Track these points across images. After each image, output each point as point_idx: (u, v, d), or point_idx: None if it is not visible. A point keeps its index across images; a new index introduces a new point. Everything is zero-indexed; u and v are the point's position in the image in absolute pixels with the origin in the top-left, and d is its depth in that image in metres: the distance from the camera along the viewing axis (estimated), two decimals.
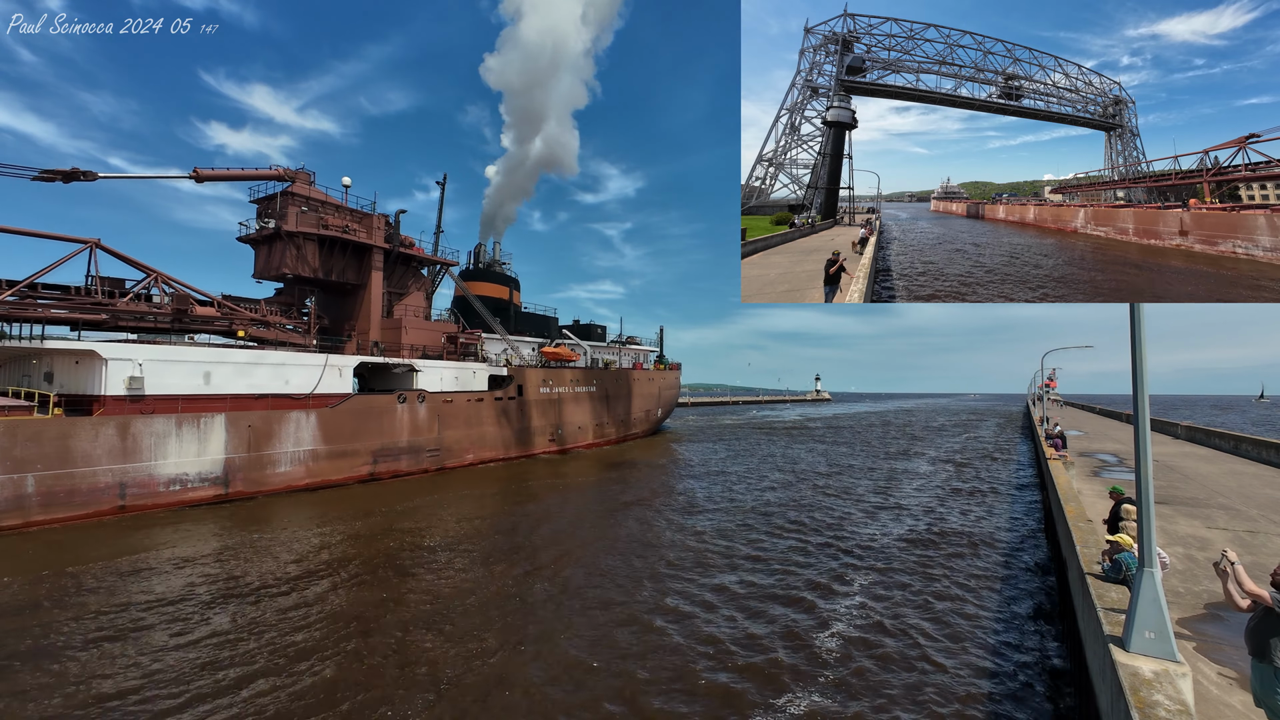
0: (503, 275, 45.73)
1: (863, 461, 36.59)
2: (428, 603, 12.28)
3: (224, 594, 12.66)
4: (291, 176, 28.19)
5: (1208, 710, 5.65)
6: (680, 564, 15.17)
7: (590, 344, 49.34)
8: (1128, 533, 8.24)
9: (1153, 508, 5.94)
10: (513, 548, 16.55)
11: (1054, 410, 65.74)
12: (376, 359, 28.74)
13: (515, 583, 13.59)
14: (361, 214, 30.62)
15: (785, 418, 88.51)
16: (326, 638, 10.49)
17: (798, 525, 19.29)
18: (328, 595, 12.71)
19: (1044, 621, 11.61)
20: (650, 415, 52.18)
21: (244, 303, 26.97)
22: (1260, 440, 24.00)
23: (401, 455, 28.27)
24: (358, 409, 26.61)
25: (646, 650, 10.19)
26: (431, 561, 15.20)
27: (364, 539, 17.33)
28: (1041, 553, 16.38)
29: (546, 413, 38.11)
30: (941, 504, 23.14)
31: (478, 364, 33.80)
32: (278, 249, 27.81)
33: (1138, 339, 6.00)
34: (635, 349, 56.27)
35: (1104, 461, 24.24)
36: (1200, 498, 15.67)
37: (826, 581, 13.78)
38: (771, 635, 10.82)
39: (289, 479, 23.99)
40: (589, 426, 42.48)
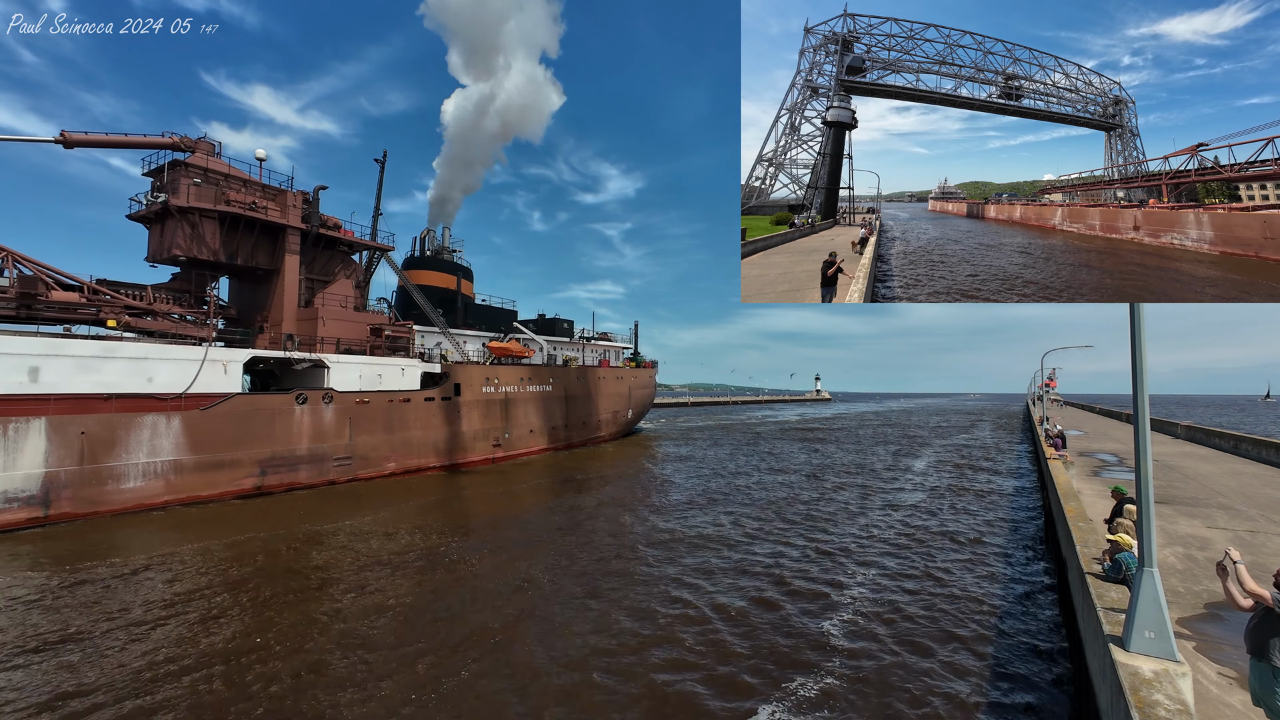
0: (451, 264, 42.17)
1: (869, 460, 36.60)
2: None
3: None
4: (190, 145, 24.80)
5: (1208, 710, 5.65)
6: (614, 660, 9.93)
7: (547, 339, 45.48)
8: (1124, 530, 8.25)
9: (1153, 507, 5.95)
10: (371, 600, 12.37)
11: (1054, 410, 65.80)
12: (274, 353, 24.97)
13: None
14: (275, 190, 27.09)
15: (783, 418, 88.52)
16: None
17: (776, 519, 19.28)
18: (127, 651, 9.66)
19: (1044, 621, 11.61)
20: (619, 417, 47.98)
21: (126, 289, 23.17)
22: (1260, 440, 24.00)
23: (300, 465, 24.39)
24: (240, 411, 22.74)
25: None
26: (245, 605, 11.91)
27: (214, 570, 14.10)
28: (1041, 552, 16.38)
29: (490, 415, 34.01)
30: (941, 504, 23.14)
31: (408, 360, 29.88)
32: (170, 228, 24.24)
33: (1138, 339, 6.00)
34: (606, 345, 52.80)
35: (1104, 461, 24.24)
36: (1200, 497, 15.67)
37: (827, 580, 13.79)
38: (763, 630, 10.83)
39: (141, 496, 20.01)
40: (543, 430, 38.34)
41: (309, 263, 28.68)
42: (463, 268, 43.14)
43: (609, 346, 53.54)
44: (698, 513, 21.04)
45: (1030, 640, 10.72)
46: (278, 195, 27.16)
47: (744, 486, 26.91)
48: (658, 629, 11.05)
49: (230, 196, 25.07)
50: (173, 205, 23.51)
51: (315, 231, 27.91)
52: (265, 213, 25.98)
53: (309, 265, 28.71)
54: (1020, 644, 10.55)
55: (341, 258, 30.68)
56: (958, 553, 16.26)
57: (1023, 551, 16.55)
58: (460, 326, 39.77)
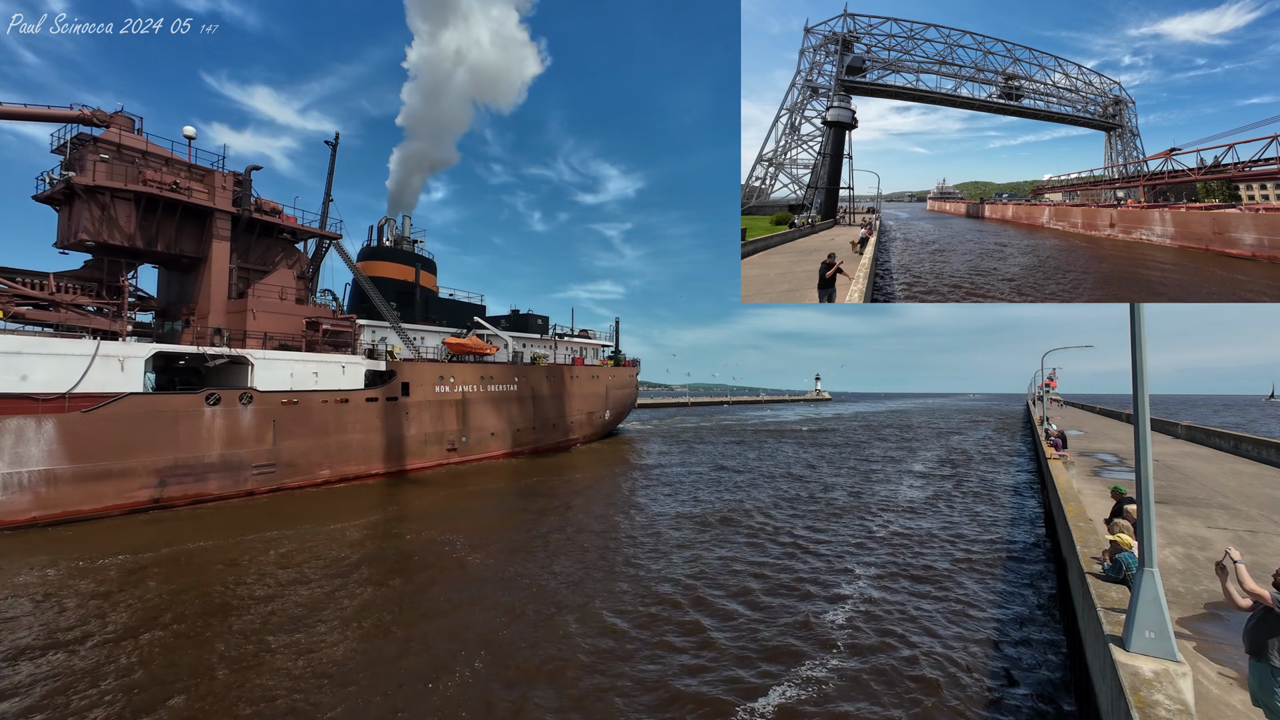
0: (409, 255, 39.40)
1: (868, 462, 36.59)
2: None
3: None
4: (104, 120, 22.46)
5: (1208, 710, 5.65)
6: None
7: (515, 335, 42.53)
8: (1122, 531, 8.25)
9: (1153, 507, 5.94)
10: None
11: (1054, 410, 65.80)
12: (184, 348, 22.53)
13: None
14: (202, 170, 24.63)
15: (782, 418, 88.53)
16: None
17: (781, 539, 19.25)
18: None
19: (1044, 621, 11.61)
20: (594, 418, 45.32)
21: (23, 276, 20.92)
22: (1260, 440, 24.00)
23: (209, 474, 21.82)
24: (134, 414, 20.20)
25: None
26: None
27: (77, 605, 11.80)
28: (1041, 552, 16.39)
29: (445, 416, 31.48)
30: (942, 504, 23.15)
31: (350, 357, 27.46)
32: (77, 210, 22.05)
33: (1138, 339, 6.00)
34: (583, 343, 50.10)
35: (1104, 461, 24.24)
36: (1200, 497, 15.66)
37: (826, 577, 13.79)
38: (766, 622, 10.82)
39: (1, 512, 17.74)
40: (506, 432, 35.69)
41: (243, 251, 26.07)
42: (424, 259, 40.46)
43: (586, 344, 50.72)
44: (659, 557, 15.59)
45: (1030, 640, 10.72)
46: (205, 176, 24.72)
47: (717, 499, 24.17)
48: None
49: (147, 176, 22.77)
50: (78, 185, 21.25)
51: (248, 216, 25.38)
52: (189, 194, 23.55)
53: (243, 253, 26.08)
54: (1020, 644, 10.55)
55: (284, 246, 28.02)
56: (958, 553, 16.26)
57: (1023, 551, 16.55)
58: (420, 322, 37.32)
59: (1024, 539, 17.91)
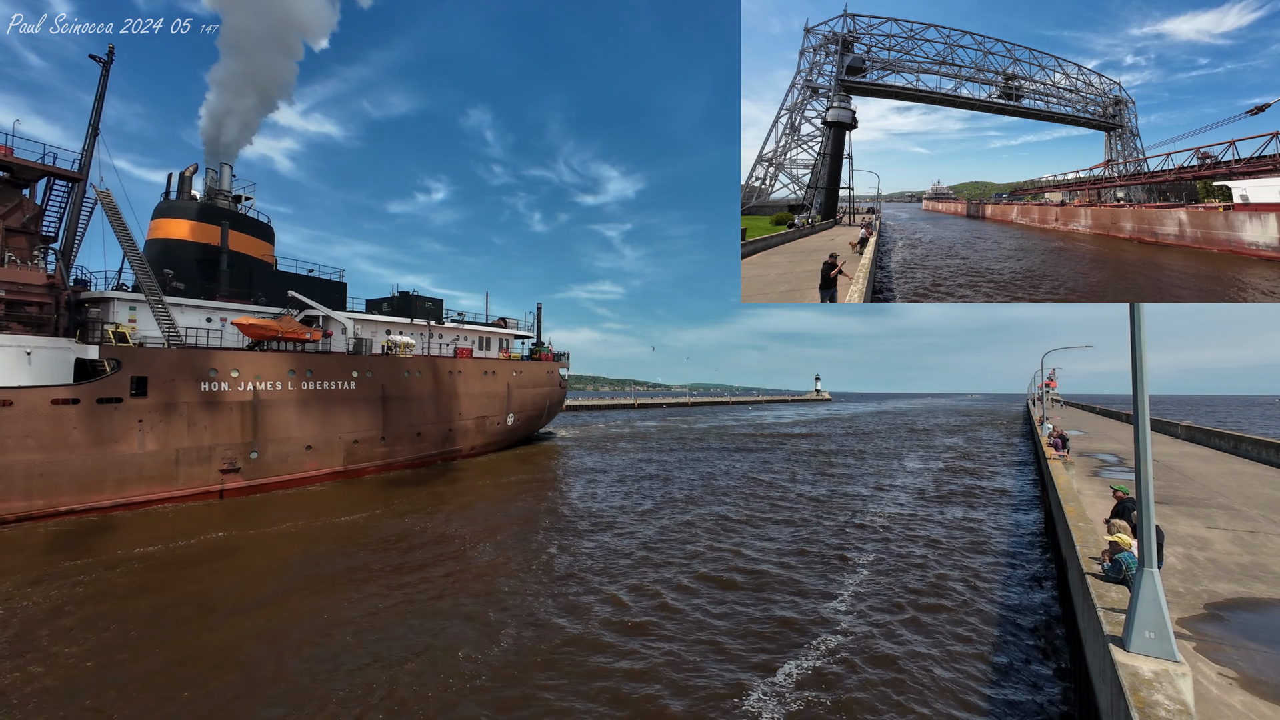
0: (221, 211, 29.06)
1: (866, 464, 36.56)
2: None
3: None
4: None
5: (1207, 710, 5.65)
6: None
7: (375, 317, 33.58)
8: (1120, 531, 8.25)
9: (1153, 507, 5.94)
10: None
11: (1054, 410, 65.81)
12: None
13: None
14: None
15: (780, 419, 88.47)
16: None
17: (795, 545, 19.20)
18: None
19: (1044, 621, 11.61)
20: (490, 424, 37.48)
21: None
22: (1260, 440, 24.01)
23: None
24: None
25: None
26: None
27: None
28: (1041, 553, 16.39)
29: (218, 424, 23.50)
30: (941, 504, 23.14)
31: (37, 339, 20.22)
32: None
33: (1138, 339, 6.00)
34: (482, 331, 40.76)
35: (1104, 461, 24.24)
36: (1200, 498, 15.67)
37: (825, 579, 13.79)
38: (766, 622, 10.81)
39: None
40: (335, 444, 27.59)
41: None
42: (248, 219, 30.65)
43: (494, 333, 41.38)
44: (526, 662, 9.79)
45: (1030, 640, 10.72)
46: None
47: (639, 547, 15.97)
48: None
49: None
50: None
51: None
52: None
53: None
54: (1020, 644, 10.55)
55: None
56: (957, 553, 16.26)
57: (1022, 551, 16.55)
58: (233, 300, 28.16)
59: (1024, 539, 17.91)
